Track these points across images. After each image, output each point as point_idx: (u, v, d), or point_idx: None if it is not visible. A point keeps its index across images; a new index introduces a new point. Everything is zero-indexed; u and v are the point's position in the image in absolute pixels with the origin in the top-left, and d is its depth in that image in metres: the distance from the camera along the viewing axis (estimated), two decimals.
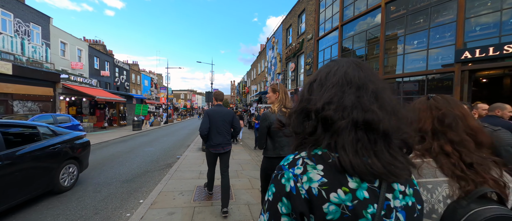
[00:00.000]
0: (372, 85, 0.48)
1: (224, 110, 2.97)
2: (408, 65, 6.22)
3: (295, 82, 13.05)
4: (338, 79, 0.49)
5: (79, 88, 14.55)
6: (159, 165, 5.87)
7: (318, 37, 10.28)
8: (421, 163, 0.69)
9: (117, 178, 4.66)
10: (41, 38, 15.93)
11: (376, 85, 0.49)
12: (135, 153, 7.51)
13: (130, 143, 10.00)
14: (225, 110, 2.97)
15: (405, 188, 0.46)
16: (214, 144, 2.88)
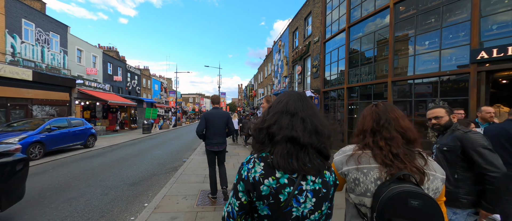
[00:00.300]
0: (301, 113, 0.76)
1: (220, 112, 3.28)
2: (420, 67, 5.97)
3: (302, 85, 12.91)
4: (281, 108, 0.78)
5: (93, 92, 15.19)
6: (165, 168, 5.96)
7: (324, 39, 10.15)
8: (361, 153, 0.92)
9: (125, 181, 4.77)
10: (60, 46, 16.84)
11: (305, 113, 0.76)
12: (143, 156, 7.68)
13: (140, 146, 10.26)
14: (221, 112, 3.29)
15: (315, 179, 0.73)
16: (211, 142, 3.26)
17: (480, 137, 1.51)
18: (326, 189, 0.76)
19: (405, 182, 0.80)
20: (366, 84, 7.63)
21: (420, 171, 0.84)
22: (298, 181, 0.71)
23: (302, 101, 0.81)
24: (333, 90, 9.70)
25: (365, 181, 0.88)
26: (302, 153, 0.72)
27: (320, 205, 0.74)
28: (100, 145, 10.01)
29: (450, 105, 5.49)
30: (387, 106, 1.02)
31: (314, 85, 11.20)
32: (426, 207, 0.72)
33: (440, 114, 1.75)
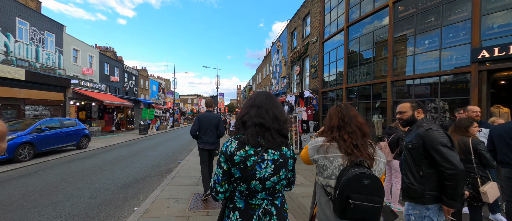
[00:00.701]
0: (266, 106, 1.06)
1: (211, 115, 3.66)
2: (419, 66, 5.87)
3: (301, 86, 12.80)
4: (251, 103, 1.09)
5: (88, 93, 14.95)
6: (159, 170, 5.77)
7: (323, 39, 10.06)
8: (328, 145, 1.15)
9: (116, 183, 4.57)
10: (55, 46, 16.58)
11: (268, 105, 1.06)
12: (137, 157, 7.48)
13: (134, 147, 10.04)
14: (212, 115, 3.67)
15: (275, 152, 1.01)
16: (203, 142, 3.58)
17: (440, 135, 1.52)
18: (283, 159, 1.04)
19: (360, 167, 1.05)
20: (365, 84, 7.53)
21: (371, 157, 1.10)
22: (261, 152, 0.99)
23: (266, 98, 1.11)
24: (332, 91, 9.59)
25: (331, 167, 1.11)
26: (267, 133, 1.02)
27: (278, 171, 1.02)
28: (94, 146, 9.77)
29: (451, 105, 5.39)
30: (347, 106, 1.27)
31: (313, 85, 11.09)
32: (373, 184, 0.99)
33: (404, 110, 1.81)
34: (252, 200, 1.02)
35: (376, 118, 7.27)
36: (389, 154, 3.36)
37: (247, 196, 1.02)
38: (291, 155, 1.10)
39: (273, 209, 1.05)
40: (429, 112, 5.80)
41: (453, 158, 1.44)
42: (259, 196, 1.02)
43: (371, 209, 1.00)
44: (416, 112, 1.76)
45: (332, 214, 1.10)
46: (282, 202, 1.11)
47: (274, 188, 1.04)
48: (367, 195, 1.00)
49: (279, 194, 1.09)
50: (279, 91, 16.53)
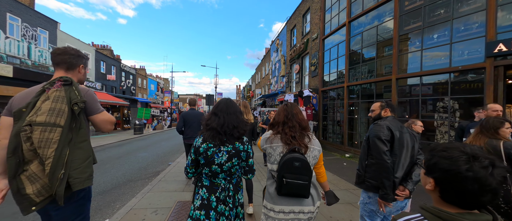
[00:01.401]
0: (220, 114, 1.48)
1: (195, 113, 3.96)
2: (427, 63, 5.44)
3: (300, 84, 12.37)
4: (213, 111, 1.54)
5: None
6: (146, 173, 5.34)
7: (323, 36, 9.64)
8: (273, 137, 1.47)
9: (94, 189, 4.14)
10: (48, 43, 16.17)
11: (224, 113, 1.49)
12: (126, 158, 7.05)
13: (126, 147, 9.60)
14: (196, 113, 3.96)
15: (229, 145, 1.43)
16: (187, 137, 3.89)
17: (379, 128, 1.68)
18: (235, 151, 1.44)
19: (295, 153, 1.34)
20: (368, 83, 7.09)
21: (306, 146, 1.41)
22: (217, 147, 1.42)
23: (227, 105, 1.53)
24: (332, 89, 9.16)
25: (274, 154, 1.42)
26: (220, 135, 1.43)
27: (231, 159, 1.42)
28: None
29: (463, 104, 4.96)
30: (292, 105, 1.55)
31: (313, 84, 10.66)
32: (302, 166, 1.30)
33: (374, 108, 1.95)
34: (215, 180, 1.43)
35: None
36: None
37: (211, 176, 1.43)
38: (244, 149, 1.47)
39: (230, 186, 1.46)
40: (437, 112, 5.37)
41: (380, 150, 1.60)
42: (220, 176, 1.42)
43: (300, 185, 1.28)
44: (383, 111, 1.89)
45: (273, 192, 1.39)
46: (237, 182, 1.52)
47: (230, 171, 1.43)
48: (297, 174, 1.27)
49: (235, 176, 1.49)
50: (278, 90, 16.10)
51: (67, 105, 1.19)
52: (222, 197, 1.41)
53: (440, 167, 0.62)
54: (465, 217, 0.58)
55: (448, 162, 0.61)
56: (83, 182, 1.19)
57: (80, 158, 1.20)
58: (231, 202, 1.44)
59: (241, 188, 1.56)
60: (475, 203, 0.59)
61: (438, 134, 5.33)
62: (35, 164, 1.12)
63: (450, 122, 5.07)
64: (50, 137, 1.11)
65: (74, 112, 1.20)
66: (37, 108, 1.14)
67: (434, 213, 0.62)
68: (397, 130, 1.69)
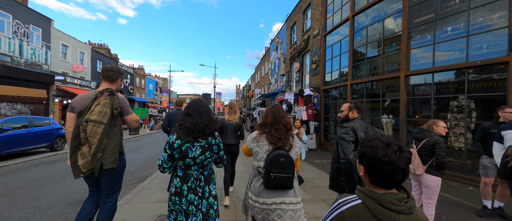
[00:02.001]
0: (193, 114, 1.64)
1: (181, 112, 4.07)
2: (441, 58, 4.97)
3: (300, 83, 11.90)
4: (186, 111, 1.68)
5: (74, 90, 14.05)
6: (131, 179, 4.87)
7: (325, 32, 9.17)
8: (260, 137, 1.61)
9: (67, 199, 3.67)
10: (41, 40, 15.71)
11: (196, 113, 1.64)
12: None
13: None
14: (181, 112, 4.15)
15: (202, 140, 1.60)
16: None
17: (344, 130, 1.78)
18: (208, 145, 1.61)
19: (280, 150, 1.49)
20: (373, 81, 6.61)
21: (290, 144, 1.57)
22: (191, 142, 1.57)
23: (199, 106, 1.69)
24: (335, 88, 8.69)
25: (261, 152, 1.57)
26: (193, 133, 1.58)
27: (204, 153, 1.59)
28: None
29: (481, 103, 4.49)
30: (279, 108, 1.71)
31: (314, 82, 10.19)
32: (287, 161, 1.45)
33: (343, 109, 2.04)
34: (188, 171, 1.61)
35: (386, 118, 6.37)
36: (419, 165, 2.45)
37: (184, 168, 1.61)
38: (215, 143, 1.66)
39: (202, 177, 1.64)
40: (451, 112, 4.90)
41: (346, 150, 1.69)
42: (193, 168, 1.61)
43: (285, 178, 1.45)
44: (350, 112, 1.96)
45: (260, 186, 1.53)
46: (209, 174, 1.70)
47: (203, 163, 1.62)
48: (282, 169, 1.44)
49: (207, 167, 1.67)
50: (278, 89, 15.63)
51: (109, 109, 1.77)
52: (193, 187, 1.57)
53: (366, 155, 0.78)
54: (387, 195, 0.73)
55: (371, 150, 0.77)
56: (109, 164, 1.76)
57: (111, 147, 1.78)
58: (201, 192, 1.59)
59: (213, 181, 1.70)
60: (391, 183, 0.75)
61: (452, 136, 4.85)
62: (85, 146, 1.72)
63: (466, 123, 4.60)
64: (97, 130, 1.70)
65: (114, 114, 1.80)
66: (91, 110, 1.74)
67: (365, 193, 0.77)
68: (362, 131, 1.76)
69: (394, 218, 0.70)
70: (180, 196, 1.54)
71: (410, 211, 0.72)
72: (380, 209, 0.71)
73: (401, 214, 0.70)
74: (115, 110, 1.80)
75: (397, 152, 0.72)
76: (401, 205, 0.71)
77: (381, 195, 0.73)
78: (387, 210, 0.71)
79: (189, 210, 1.53)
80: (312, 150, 8.97)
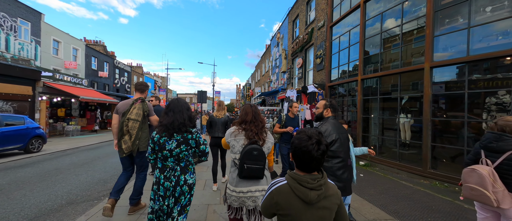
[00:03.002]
0: (170, 112, 1.84)
1: (160, 108, 4.46)
2: (477, 44, 4.11)
3: (303, 80, 11.03)
4: (166, 110, 1.87)
5: (62, 87, 13.25)
6: (101, 190, 4.03)
7: (331, 23, 8.31)
8: (238, 132, 1.78)
9: (21, 213, 2.83)
10: (31, 35, 14.95)
11: (174, 111, 1.83)
12: (89, 166, 5.74)
13: (100, 151, 8.30)
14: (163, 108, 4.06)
15: (178, 135, 1.81)
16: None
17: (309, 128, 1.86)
18: (183, 139, 1.80)
19: (254, 144, 1.67)
20: (390, 74, 5.73)
21: (263, 139, 1.75)
22: (168, 137, 1.78)
23: (175, 105, 1.86)
24: (342, 84, 7.81)
25: (237, 145, 1.73)
26: (170, 130, 1.78)
27: (180, 146, 1.78)
28: (51, 149, 8.07)
29: None
30: (255, 106, 1.90)
31: (318, 79, 9.31)
32: (259, 154, 1.62)
33: (319, 106, 2.09)
34: (166, 162, 1.80)
35: (404, 118, 5.49)
36: (504, 195, 1.56)
37: (163, 160, 1.80)
38: (192, 138, 1.85)
39: (178, 167, 1.81)
40: (487, 111, 4.02)
41: None
42: (169, 160, 1.79)
43: (257, 169, 1.62)
44: (325, 111, 2.03)
45: (236, 177, 1.70)
46: (186, 165, 1.85)
47: (179, 156, 1.79)
48: (255, 161, 1.60)
49: (183, 160, 1.83)
50: (279, 87, 14.75)
51: (142, 112, 2.67)
52: (168, 175, 1.77)
53: (294, 145, 0.99)
54: (306, 176, 0.96)
55: (297, 141, 0.98)
56: (143, 148, 2.69)
57: (144, 136, 2.70)
58: (175, 180, 1.77)
59: (190, 171, 1.86)
60: (309, 168, 0.97)
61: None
62: (127, 136, 2.59)
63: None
64: (135, 126, 2.57)
65: (144, 115, 2.68)
66: (130, 112, 2.62)
67: (290, 175, 0.99)
68: (335, 132, 1.87)
69: (307, 193, 0.94)
70: (158, 184, 1.78)
71: (320, 187, 0.95)
72: (298, 186, 0.95)
73: (313, 191, 0.94)
74: (145, 112, 2.68)
75: (314, 145, 0.95)
76: (314, 183, 0.95)
77: (301, 176, 0.97)
78: (303, 187, 0.95)
79: (166, 195, 1.77)
80: None
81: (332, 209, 0.97)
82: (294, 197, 0.94)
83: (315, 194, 0.92)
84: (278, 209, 0.97)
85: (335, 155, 1.82)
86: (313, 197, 0.92)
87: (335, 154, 1.82)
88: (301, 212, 0.94)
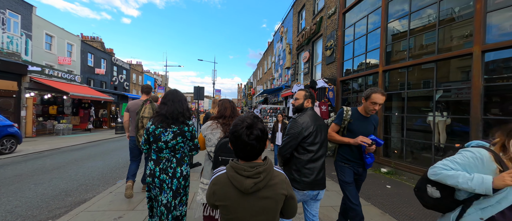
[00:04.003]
0: (169, 103, 1.82)
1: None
2: None
3: (310, 75, 10.03)
4: (163, 100, 1.88)
5: (52, 82, 12.41)
6: (46, 211, 3.08)
7: (344, 8, 7.32)
8: (215, 126, 1.80)
9: None
10: (20, 28, 14.16)
11: (171, 101, 1.82)
12: (68, 169, 4.85)
13: (87, 151, 7.40)
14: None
15: (175, 127, 1.80)
16: None
17: (292, 124, 1.75)
18: (180, 131, 1.78)
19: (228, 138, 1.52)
20: (423, 63, 4.70)
21: None
22: (164, 127, 1.76)
23: (174, 95, 1.84)
24: (357, 78, 6.80)
25: (213, 139, 1.77)
26: (167, 120, 1.76)
27: (176, 137, 1.77)
28: (27, 149, 7.19)
29: None
30: (233, 102, 1.98)
31: (328, 73, 8.31)
32: None
33: (298, 97, 1.93)
34: (161, 154, 1.78)
35: (439, 116, 4.48)
36: None
37: (157, 151, 1.77)
38: (188, 130, 1.83)
39: (174, 159, 1.79)
40: None
41: (284, 141, 1.75)
42: (165, 152, 1.77)
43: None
44: (305, 101, 1.89)
45: (210, 169, 1.76)
46: (182, 157, 1.84)
47: (175, 148, 1.78)
48: (230, 153, 1.55)
49: (179, 152, 1.81)
50: (282, 84, 13.77)
51: (152, 111, 3.03)
52: (164, 167, 1.75)
53: (230, 132, 0.95)
54: (244, 165, 0.90)
55: (233, 128, 0.94)
56: None
57: None
58: (172, 172, 1.75)
59: (186, 163, 1.86)
60: (245, 155, 0.91)
61: None
62: (142, 130, 3.01)
63: None
64: (148, 122, 2.20)
65: (154, 113, 2.28)
66: (143, 111, 3.04)
67: (231, 165, 0.91)
68: (313, 124, 1.74)
69: (242, 182, 0.87)
70: (153, 177, 1.75)
71: (258, 176, 0.88)
72: (234, 175, 0.89)
73: (249, 178, 0.87)
74: (154, 111, 2.65)
75: (244, 129, 0.89)
76: (251, 170, 0.87)
77: (239, 164, 0.90)
78: (239, 176, 0.88)
79: (162, 187, 1.76)
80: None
81: (278, 199, 0.91)
82: (231, 187, 0.89)
83: (251, 182, 0.87)
84: (216, 199, 0.91)
85: (309, 148, 1.71)
86: (248, 185, 0.86)
87: (310, 147, 1.71)
88: (238, 202, 0.89)
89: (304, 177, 1.66)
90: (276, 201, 0.89)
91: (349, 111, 2.11)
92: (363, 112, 2.08)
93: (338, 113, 2.16)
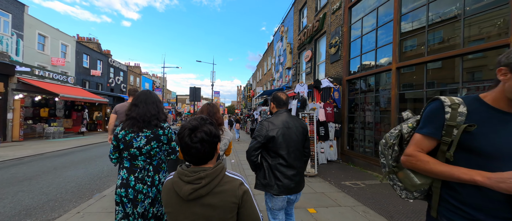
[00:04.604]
0: (140, 104, 1.61)
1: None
2: None
3: (312, 75, 9.49)
4: (133, 102, 1.65)
5: (41, 84, 11.83)
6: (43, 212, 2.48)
7: (350, 3, 6.80)
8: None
9: None
10: (11, 28, 13.66)
11: (142, 103, 1.61)
12: (22, 185, 4.19)
13: (63, 159, 6.78)
14: None
15: (148, 131, 1.57)
16: None
17: (258, 127, 1.76)
18: (154, 135, 1.58)
19: None
20: (447, 57, 4.14)
21: (219, 137, 1.44)
22: (135, 132, 1.55)
23: (146, 96, 1.67)
24: (365, 77, 6.24)
25: None
26: (138, 123, 1.56)
27: (150, 142, 1.56)
28: (6, 155, 6.59)
29: None
30: (213, 105, 2.04)
31: (332, 72, 7.76)
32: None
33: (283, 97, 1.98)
34: (135, 161, 1.56)
35: None
36: None
37: (131, 159, 1.56)
38: (164, 133, 1.63)
39: (150, 167, 1.59)
40: None
41: (250, 145, 1.74)
42: (139, 159, 1.56)
43: None
44: (270, 106, 1.96)
45: None
46: (159, 163, 1.65)
47: (150, 153, 1.58)
48: None
49: (155, 158, 1.62)
50: (283, 85, 13.22)
51: None
52: (140, 177, 1.55)
53: (176, 134, 0.92)
54: (189, 170, 0.84)
55: (179, 130, 0.88)
56: None
57: None
58: (150, 181, 1.57)
59: (164, 170, 1.69)
60: (191, 159, 0.85)
61: None
62: None
63: None
64: None
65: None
66: None
67: (177, 170, 0.86)
68: (277, 127, 1.72)
69: (181, 187, 0.81)
70: (127, 187, 1.53)
71: (199, 181, 0.81)
72: (177, 180, 0.84)
73: (188, 184, 0.81)
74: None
75: (187, 130, 0.84)
76: (191, 176, 0.82)
77: (184, 170, 0.84)
78: (180, 181, 0.83)
79: (138, 198, 1.54)
80: (332, 161, 6.52)
81: (227, 208, 0.82)
82: (173, 192, 0.85)
83: (189, 188, 0.81)
84: (164, 205, 0.87)
85: (279, 152, 1.67)
86: (186, 191, 0.80)
87: (280, 151, 1.68)
88: (179, 210, 0.83)
89: (278, 181, 1.66)
90: (224, 210, 0.82)
91: (461, 105, 0.88)
92: (504, 102, 0.85)
93: (428, 111, 0.96)
